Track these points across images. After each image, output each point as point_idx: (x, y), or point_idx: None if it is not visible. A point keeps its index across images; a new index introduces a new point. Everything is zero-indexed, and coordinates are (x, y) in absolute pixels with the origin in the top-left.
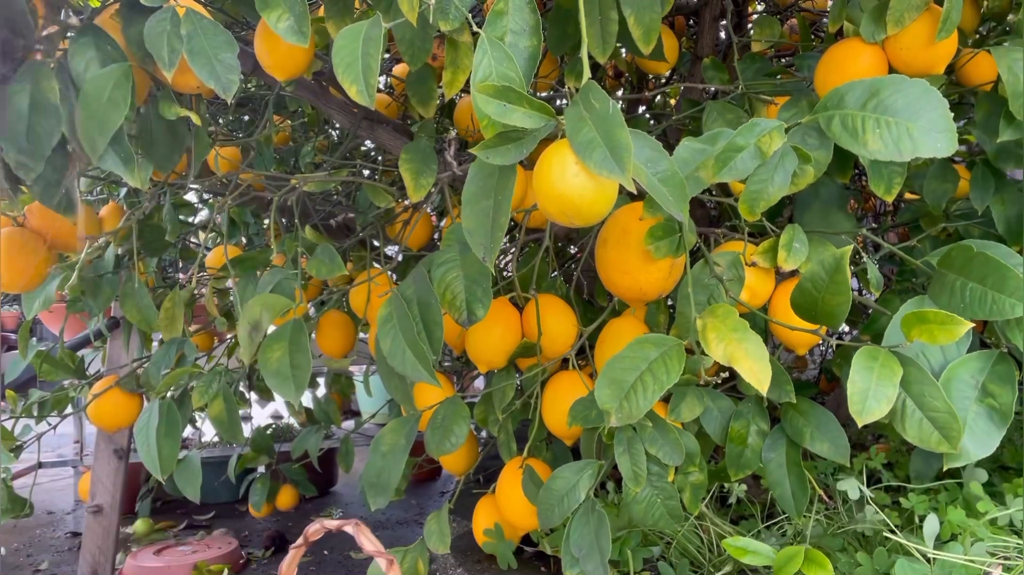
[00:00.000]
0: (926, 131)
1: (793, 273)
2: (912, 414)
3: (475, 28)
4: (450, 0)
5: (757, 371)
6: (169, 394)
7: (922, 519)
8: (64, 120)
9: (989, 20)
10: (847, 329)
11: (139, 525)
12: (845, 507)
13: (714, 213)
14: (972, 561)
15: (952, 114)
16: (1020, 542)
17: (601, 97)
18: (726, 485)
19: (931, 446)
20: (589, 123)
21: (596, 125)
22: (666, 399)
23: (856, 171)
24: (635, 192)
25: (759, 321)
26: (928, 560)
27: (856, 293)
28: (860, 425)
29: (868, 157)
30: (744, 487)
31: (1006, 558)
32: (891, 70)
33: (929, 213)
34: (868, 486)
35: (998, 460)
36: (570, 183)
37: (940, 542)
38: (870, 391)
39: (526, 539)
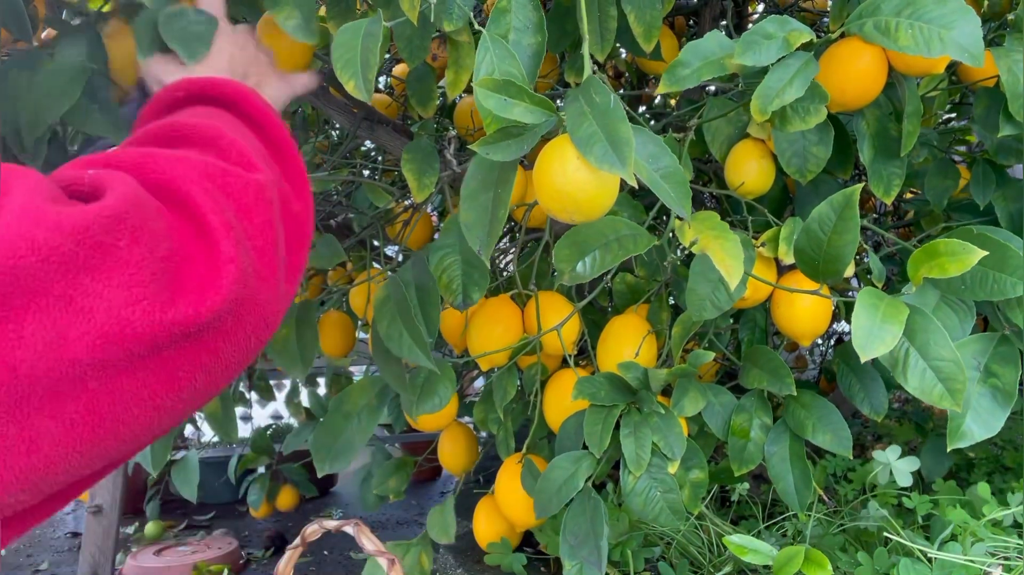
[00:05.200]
0: (957, 39)
1: (793, 266)
2: (915, 363)
3: (476, 27)
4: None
5: (729, 264)
6: None
7: (923, 519)
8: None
9: (989, 20)
10: (847, 328)
11: (150, 527)
12: (847, 507)
13: None
14: (972, 561)
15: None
16: (1020, 542)
17: (602, 91)
18: (727, 485)
19: (933, 399)
20: (590, 117)
21: (597, 119)
22: (668, 393)
23: (856, 171)
24: (636, 188)
25: (759, 319)
26: (928, 560)
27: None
28: (863, 360)
29: (897, 50)
30: (746, 486)
31: (1006, 558)
32: (891, 69)
33: (931, 212)
34: (867, 487)
35: (998, 461)
36: (571, 178)
37: (940, 542)
38: (874, 328)
39: (526, 540)
